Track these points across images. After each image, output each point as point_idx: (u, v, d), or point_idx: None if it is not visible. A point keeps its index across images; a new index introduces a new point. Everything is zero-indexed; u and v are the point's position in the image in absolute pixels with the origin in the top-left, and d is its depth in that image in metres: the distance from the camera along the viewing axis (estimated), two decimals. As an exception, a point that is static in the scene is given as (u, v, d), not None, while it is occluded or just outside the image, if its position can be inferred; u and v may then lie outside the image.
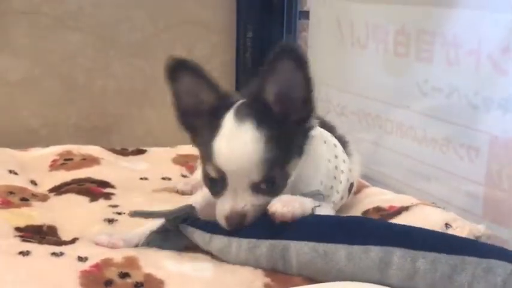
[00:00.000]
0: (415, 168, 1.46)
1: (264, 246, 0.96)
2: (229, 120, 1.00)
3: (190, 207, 1.02)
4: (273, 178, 0.99)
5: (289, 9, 1.98)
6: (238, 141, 0.98)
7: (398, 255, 0.88)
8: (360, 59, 1.62)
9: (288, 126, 1.00)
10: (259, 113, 0.99)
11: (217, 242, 0.99)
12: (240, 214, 0.98)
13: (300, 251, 0.93)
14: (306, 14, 1.92)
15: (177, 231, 1.01)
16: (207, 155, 1.00)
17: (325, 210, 1.06)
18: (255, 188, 0.98)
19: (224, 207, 0.99)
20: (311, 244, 0.93)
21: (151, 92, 2.00)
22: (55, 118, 1.93)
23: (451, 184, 1.35)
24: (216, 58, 2.04)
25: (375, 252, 0.89)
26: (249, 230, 0.98)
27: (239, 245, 0.97)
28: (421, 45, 1.40)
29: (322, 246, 0.92)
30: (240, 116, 1.00)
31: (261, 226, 0.98)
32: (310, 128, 1.04)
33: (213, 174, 1.00)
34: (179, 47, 2.00)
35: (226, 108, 1.01)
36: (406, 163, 1.48)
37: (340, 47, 1.68)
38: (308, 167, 1.06)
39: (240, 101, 1.03)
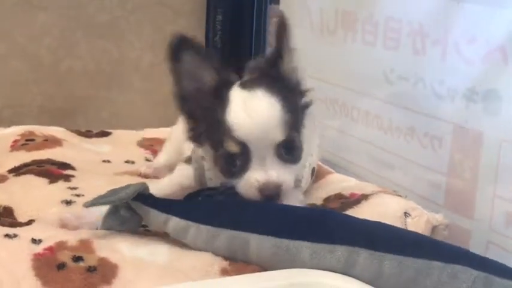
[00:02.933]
0: (379, 156, 1.45)
1: (223, 236, 0.93)
2: (237, 92, 1.00)
3: (142, 184, 0.98)
4: (293, 140, 0.99)
5: (260, -7, 1.97)
6: (254, 106, 0.97)
7: (363, 257, 0.86)
8: (328, 45, 1.61)
9: (294, 94, 1.03)
10: (269, 80, 1.01)
11: (174, 224, 0.96)
12: (276, 184, 0.96)
13: (260, 245, 0.91)
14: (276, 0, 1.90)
15: (131, 211, 0.98)
16: (221, 133, 0.97)
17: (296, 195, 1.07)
18: (278, 153, 0.97)
19: (255, 179, 0.96)
20: (273, 239, 0.91)
21: (118, 74, 1.98)
22: (19, 99, 1.90)
23: (414, 173, 1.35)
24: (185, 41, 2.02)
25: (340, 251, 0.87)
26: (208, 216, 0.95)
27: (198, 231, 0.95)
28: (388, 33, 1.39)
29: (285, 242, 0.90)
30: (249, 86, 1.00)
31: (222, 214, 0.96)
32: (309, 104, 1.07)
33: (233, 148, 0.97)
34: (147, 29, 1.98)
35: (230, 85, 1.01)
36: (371, 151, 1.48)
37: (310, 33, 1.67)
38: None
39: (245, 78, 1.04)
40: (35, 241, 0.93)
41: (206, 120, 1.02)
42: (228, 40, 2.02)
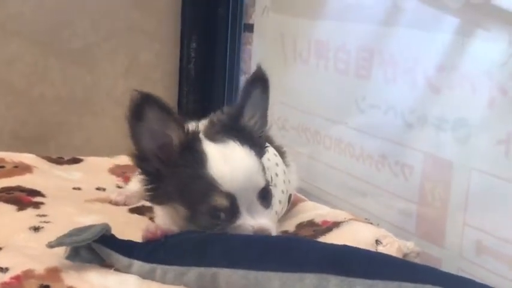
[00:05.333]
0: (351, 184, 1.46)
1: (191, 274, 0.92)
2: (211, 146, 1.00)
3: (105, 226, 0.96)
4: (268, 185, 1.02)
5: (234, 21, 1.98)
6: (234, 158, 0.99)
7: (334, 283, 0.86)
8: (301, 74, 1.62)
9: (256, 140, 1.05)
10: (235, 132, 1.03)
11: (138, 268, 0.95)
12: (267, 231, 0.98)
13: (229, 279, 0.90)
14: (250, 27, 1.92)
15: (93, 252, 0.96)
16: (202, 189, 0.97)
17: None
18: (260, 199, 0.99)
19: (249, 225, 0.97)
20: (241, 272, 0.90)
21: (91, 100, 1.97)
22: (-10, 124, 1.88)
23: (385, 201, 1.36)
24: (159, 67, 2.03)
25: (309, 279, 0.87)
26: (173, 256, 0.95)
27: (164, 272, 0.94)
28: (359, 62, 1.41)
29: (253, 274, 0.89)
30: (219, 139, 1.02)
31: (188, 252, 0.95)
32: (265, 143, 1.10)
33: (222, 202, 0.96)
34: (121, 55, 1.97)
35: (197, 139, 1.01)
36: (343, 179, 1.49)
37: (283, 61, 1.69)
38: None
39: (210, 129, 1.06)
40: (1, 269, 0.91)
41: (175, 178, 0.99)
42: (201, 67, 2.03)
